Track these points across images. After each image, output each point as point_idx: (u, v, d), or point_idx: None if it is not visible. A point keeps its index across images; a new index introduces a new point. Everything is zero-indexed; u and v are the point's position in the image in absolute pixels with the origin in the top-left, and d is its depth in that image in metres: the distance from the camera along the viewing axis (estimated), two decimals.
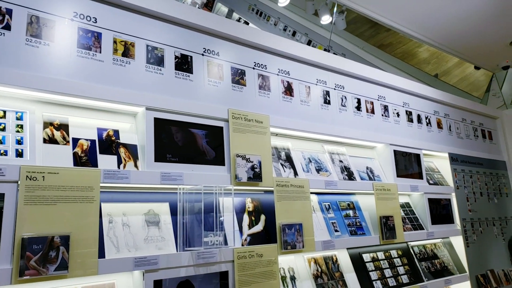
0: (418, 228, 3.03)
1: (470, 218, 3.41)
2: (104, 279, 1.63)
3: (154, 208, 1.83)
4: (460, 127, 3.73)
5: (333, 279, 2.39)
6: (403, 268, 2.82)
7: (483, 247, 3.42)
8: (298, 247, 2.13)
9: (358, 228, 2.63)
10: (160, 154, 1.80)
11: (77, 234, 1.48)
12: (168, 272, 1.69)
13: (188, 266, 1.75)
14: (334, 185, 2.47)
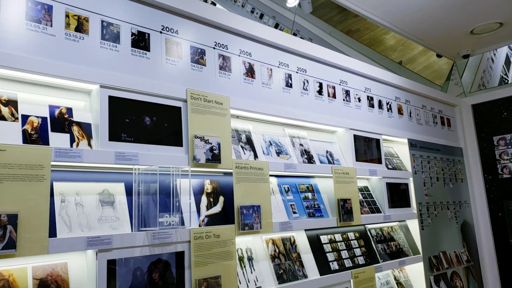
0: (376, 212, 3.21)
1: (426, 202, 3.64)
2: (56, 258, 1.66)
3: (108, 188, 1.87)
4: (420, 114, 3.94)
5: (290, 260, 2.52)
6: (359, 250, 2.99)
7: (437, 230, 3.67)
8: (255, 228, 2.23)
9: (316, 210, 2.77)
10: (114, 134, 1.82)
11: (26, 213, 1.49)
12: (122, 252, 1.74)
13: (143, 246, 1.81)
14: (294, 168, 2.57)
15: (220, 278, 2.02)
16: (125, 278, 1.74)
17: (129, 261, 1.76)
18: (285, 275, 2.42)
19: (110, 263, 1.69)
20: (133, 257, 1.77)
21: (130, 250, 1.77)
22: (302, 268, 2.54)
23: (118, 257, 1.72)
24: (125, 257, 1.74)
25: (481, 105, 4.38)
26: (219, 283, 2.01)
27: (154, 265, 1.84)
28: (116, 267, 1.72)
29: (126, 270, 1.75)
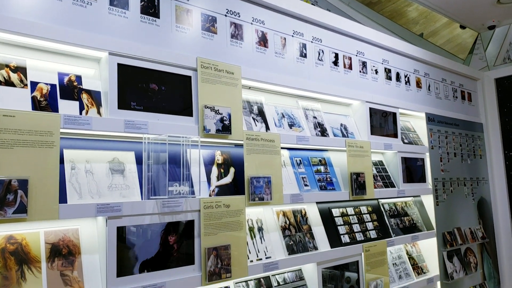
0: (390, 186, 3.15)
1: (442, 177, 3.55)
2: (67, 224, 1.68)
3: (119, 156, 1.86)
4: (440, 87, 3.79)
5: (300, 231, 2.50)
6: (372, 224, 2.96)
7: (452, 206, 3.60)
8: (266, 199, 2.21)
9: (328, 184, 2.72)
10: (124, 102, 1.80)
11: (36, 178, 1.50)
12: (132, 219, 1.75)
13: (153, 214, 1.81)
14: (306, 140, 2.52)
15: (230, 247, 2.03)
16: (134, 245, 1.75)
17: (139, 228, 1.77)
18: (295, 247, 2.42)
19: (120, 230, 1.70)
20: (143, 225, 1.78)
21: (140, 217, 1.77)
22: (313, 240, 2.52)
23: (128, 224, 1.73)
24: (135, 224, 1.75)
25: (505, 79, 4.19)
26: (228, 252, 2.01)
27: (163, 233, 1.85)
28: (126, 234, 1.73)
29: (136, 237, 1.76)
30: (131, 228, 1.75)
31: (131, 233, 1.75)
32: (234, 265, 2.03)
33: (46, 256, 1.59)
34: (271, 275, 2.35)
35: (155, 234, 1.82)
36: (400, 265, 3.13)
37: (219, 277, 1.96)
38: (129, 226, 1.74)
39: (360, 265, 2.70)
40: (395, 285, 2.96)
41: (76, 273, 1.63)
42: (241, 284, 2.21)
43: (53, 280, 1.56)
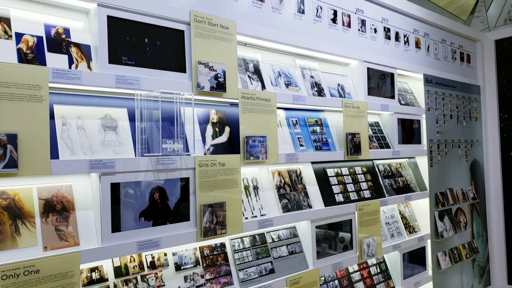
0: (385, 147, 3.13)
1: (437, 139, 3.54)
2: (60, 180, 1.65)
3: (111, 113, 1.81)
4: (439, 48, 3.70)
5: (295, 190, 2.50)
6: (366, 184, 2.96)
7: (445, 167, 3.60)
8: (261, 158, 2.18)
9: (324, 144, 2.70)
10: (114, 56, 1.72)
11: (26, 133, 1.45)
12: (126, 176, 1.72)
13: (147, 171, 1.78)
14: (302, 100, 2.47)
15: (225, 204, 2.02)
16: (129, 202, 1.74)
17: (133, 185, 1.75)
18: (290, 205, 2.42)
19: (114, 187, 1.68)
20: (137, 182, 1.76)
21: (134, 174, 1.75)
22: (307, 198, 2.53)
23: (122, 181, 1.71)
24: (128, 181, 1.73)
25: (504, 41, 4.09)
26: (224, 209, 2.01)
27: (158, 190, 1.83)
28: (120, 190, 1.71)
29: (130, 194, 1.74)
30: (125, 184, 1.72)
31: (125, 189, 1.73)
32: (229, 221, 2.03)
33: (40, 212, 1.57)
34: (266, 232, 2.36)
35: (149, 191, 1.81)
36: (393, 224, 3.17)
37: (214, 233, 1.97)
38: (123, 182, 1.71)
39: (353, 223, 2.73)
40: (387, 243, 3.01)
41: (71, 228, 1.62)
42: (236, 240, 2.23)
43: (48, 234, 1.56)
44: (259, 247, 2.30)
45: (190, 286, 1.96)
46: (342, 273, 2.80)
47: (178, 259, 1.99)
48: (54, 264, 1.48)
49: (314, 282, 2.38)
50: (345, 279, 2.79)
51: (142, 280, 1.84)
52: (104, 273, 1.75)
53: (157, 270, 1.90)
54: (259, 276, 2.21)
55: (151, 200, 1.81)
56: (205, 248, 2.10)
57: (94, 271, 1.72)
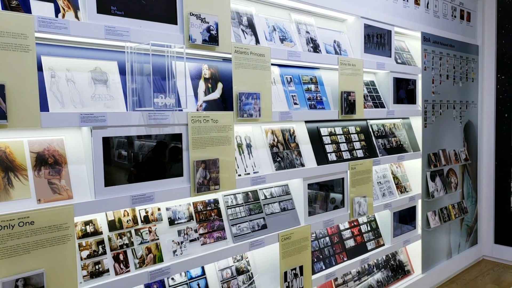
0: (380, 107, 3.16)
1: (432, 100, 3.56)
2: (51, 134, 1.66)
3: (101, 66, 1.79)
4: (439, 5, 3.65)
5: (288, 149, 2.54)
6: (359, 144, 3.01)
7: (439, 128, 3.66)
8: (254, 116, 2.20)
9: (318, 103, 2.71)
10: (103, 6, 1.68)
11: (14, 84, 1.44)
12: (118, 130, 1.73)
13: (139, 126, 1.80)
14: (298, 56, 2.45)
15: (218, 161, 2.05)
16: (122, 156, 1.76)
17: (126, 139, 1.77)
18: (283, 163, 2.47)
19: (105, 141, 1.70)
20: (129, 136, 1.77)
21: (126, 129, 1.76)
22: (300, 157, 2.57)
23: (114, 135, 1.72)
24: (120, 135, 1.74)
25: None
26: (217, 165, 2.05)
27: (151, 145, 1.85)
28: (112, 145, 1.72)
29: (123, 149, 1.76)
30: (117, 139, 1.74)
31: (118, 144, 1.75)
32: (223, 178, 2.07)
33: (32, 165, 1.59)
34: (258, 189, 2.42)
35: (142, 146, 1.83)
36: (384, 184, 3.26)
37: (208, 189, 2.02)
38: (114, 137, 1.73)
39: (345, 182, 2.80)
40: (378, 202, 3.11)
41: (64, 182, 1.65)
42: (229, 197, 2.29)
43: (41, 187, 1.58)
44: (252, 203, 2.36)
45: (184, 240, 2.03)
46: (333, 231, 2.90)
47: (172, 214, 2.04)
48: (48, 216, 1.52)
49: (305, 238, 2.48)
50: (336, 236, 2.90)
51: (136, 234, 1.90)
52: (98, 226, 1.80)
53: (151, 224, 1.95)
54: (252, 231, 2.29)
55: (143, 155, 1.83)
56: (199, 204, 2.15)
57: (88, 224, 1.77)
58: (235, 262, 2.29)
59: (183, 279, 2.06)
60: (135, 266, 1.84)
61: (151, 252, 1.90)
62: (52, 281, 1.52)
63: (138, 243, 1.88)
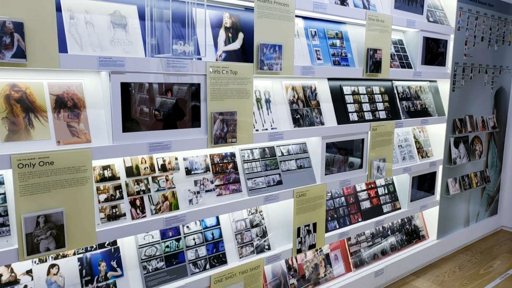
0: (407, 67, 3.04)
1: (463, 62, 3.41)
2: (70, 77, 1.67)
3: (120, 9, 1.76)
4: None
5: (308, 106, 2.50)
6: (382, 105, 2.94)
7: (468, 93, 3.52)
8: (275, 69, 2.15)
9: (342, 59, 2.63)
10: None
11: (32, 23, 1.44)
12: (136, 76, 1.72)
13: (158, 73, 1.78)
14: (323, 8, 2.35)
15: (236, 114, 2.04)
16: (140, 103, 1.76)
17: (144, 86, 1.76)
18: (302, 120, 2.44)
19: (124, 86, 1.70)
20: (148, 83, 1.77)
21: (145, 76, 1.75)
22: (320, 115, 2.53)
23: (132, 81, 1.72)
24: (139, 81, 1.74)
25: None
26: (234, 118, 2.03)
27: (169, 94, 1.85)
28: (130, 91, 1.72)
29: (141, 95, 1.76)
30: (135, 85, 1.73)
31: (136, 90, 1.74)
32: (240, 131, 2.06)
33: (52, 107, 1.61)
34: (275, 145, 2.41)
35: (160, 94, 1.82)
36: (405, 148, 3.20)
37: (225, 141, 2.02)
38: (133, 83, 1.72)
39: (365, 143, 2.75)
40: (398, 165, 3.06)
41: (83, 125, 1.67)
42: (246, 151, 2.29)
43: (60, 129, 1.61)
44: (268, 159, 2.36)
45: (200, 190, 2.06)
46: (349, 191, 2.90)
47: (189, 164, 2.06)
48: (67, 157, 1.55)
49: (320, 196, 2.48)
50: (352, 197, 2.90)
51: (153, 181, 1.93)
52: (116, 172, 1.84)
53: (167, 173, 1.99)
54: (267, 186, 2.31)
55: (162, 104, 1.83)
56: (215, 156, 2.17)
57: (106, 169, 1.81)
58: (249, 215, 2.33)
59: (198, 228, 2.12)
60: (151, 212, 1.89)
61: (167, 200, 1.94)
62: (71, 220, 1.58)
63: (154, 190, 1.92)
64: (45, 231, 1.51)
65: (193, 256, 2.06)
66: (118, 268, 1.82)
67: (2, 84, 1.51)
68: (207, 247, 2.12)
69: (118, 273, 1.82)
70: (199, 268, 2.06)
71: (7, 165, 1.43)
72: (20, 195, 1.46)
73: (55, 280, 1.67)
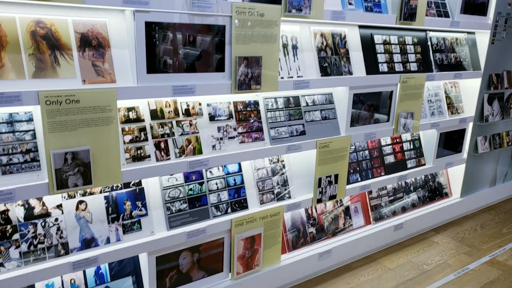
0: (444, 16, 2.87)
1: (506, 13, 3.18)
2: (95, 15, 1.65)
3: None
4: None
5: (337, 54, 2.41)
6: (414, 56, 2.81)
7: (509, 46, 3.31)
8: (304, 12, 2.06)
9: (375, 5, 2.49)
10: None
11: None
12: (161, 15, 1.68)
13: (182, 13, 1.73)
14: None
15: (261, 59, 1.99)
16: (165, 43, 1.73)
17: (168, 26, 1.72)
18: (329, 69, 2.37)
19: (148, 26, 1.66)
20: (172, 23, 1.73)
21: (169, 15, 1.71)
22: (348, 64, 2.45)
23: (156, 20, 1.68)
24: (163, 21, 1.70)
25: None
26: (259, 64, 1.99)
27: (193, 34, 1.81)
28: (155, 30, 1.69)
29: (166, 35, 1.73)
30: (160, 25, 1.70)
31: (160, 30, 1.71)
32: (265, 78, 2.02)
33: (77, 45, 1.60)
34: (300, 95, 2.37)
35: (184, 37, 1.78)
36: (435, 103, 3.09)
37: (249, 87, 1.99)
38: (157, 22, 1.69)
39: (393, 96, 2.67)
40: (426, 120, 2.98)
41: (107, 65, 1.67)
42: (270, 100, 2.26)
43: (85, 68, 1.62)
44: (292, 109, 2.33)
45: (222, 136, 2.07)
46: (374, 145, 2.86)
47: (212, 110, 2.06)
48: (92, 96, 1.56)
49: (344, 148, 2.46)
50: (376, 150, 2.86)
51: (177, 125, 1.94)
52: (141, 114, 1.85)
53: (191, 117, 1.99)
54: (290, 136, 2.29)
55: (186, 47, 1.80)
56: (239, 104, 2.15)
57: (131, 111, 1.82)
58: (270, 164, 2.34)
59: (221, 173, 2.15)
60: (176, 155, 1.92)
61: (191, 144, 1.96)
62: (97, 159, 1.62)
63: (178, 134, 1.94)
64: (72, 167, 1.56)
65: (215, 200, 2.11)
66: (142, 208, 1.89)
67: (27, 19, 1.51)
68: (229, 192, 2.16)
69: (143, 213, 1.89)
70: (221, 211, 2.11)
71: (35, 101, 1.46)
72: (48, 132, 1.50)
73: (83, 215, 1.75)
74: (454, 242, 3.01)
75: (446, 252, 2.86)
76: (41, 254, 1.65)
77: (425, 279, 2.52)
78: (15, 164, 1.53)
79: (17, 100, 1.43)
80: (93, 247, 1.76)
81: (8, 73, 1.46)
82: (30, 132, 1.57)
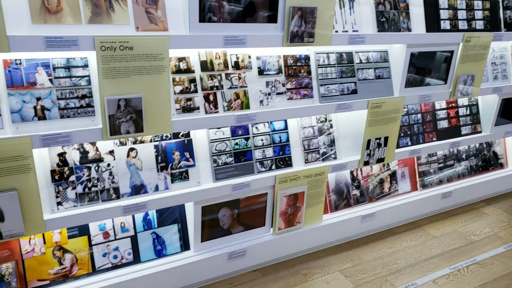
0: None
1: None
2: None
3: None
4: None
5: (396, 9, 2.26)
6: (481, 13, 2.59)
7: None
8: None
9: None
10: None
11: None
12: None
13: None
14: None
15: (316, 10, 1.89)
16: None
17: None
18: (387, 24, 2.23)
19: None
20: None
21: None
22: (408, 20, 2.30)
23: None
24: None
25: None
26: (314, 15, 1.89)
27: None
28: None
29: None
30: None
31: None
32: (318, 31, 1.94)
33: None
34: (354, 51, 2.27)
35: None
36: (500, 66, 2.87)
37: (301, 40, 1.92)
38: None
39: (454, 56, 2.49)
40: (487, 84, 2.79)
41: (160, 12, 1.65)
42: (322, 55, 2.18)
43: (139, 15, 1.61)
44: (345, 66, 2.24)
45: (271, 91, 2.03)
46: (427, 108, 2.73)
47: (262, 64, 2.02)
48: (145, 44, 1.56)
49: (396, 110, 2.36)
50: (429, 114, 2.73)
51: (226, 78, 1.93)
52: (191, 64, 1.84)
53: (240, 71, 1.96)
54: (340, 95, 2.22)
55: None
56: (289, 58, 2.09)
57: (182, 61, 1.82)
58: (318, 123, 2.29)
59: (267, 129, 2.13)
60: (224, 109, 1.91)
61: (239, 98, 1.95)
62: (149, 107, 1.64)
63: (227, 87, 1.92)
64: (125, 114, 1.59)
65: (260, 156, 2.11)
66: (190, 159, 1.92)
67: None
68: (274, 149, 2.15)
69: (190, 163, 1.92)
70: (265, 167, 2.12)
71: (91, 47, 1.48)
72: (103, 78, 1.53)
73: (134, 162, 1.81)
74: (506, 215, 2.88)
75: (497, 224, 2.75)
76: (95, 196, 1.74)
77: (472, 249, 2.45)
78: (71, 108, 1.59)
79: (74, 44, 1.45)
80: (142, 193, 1.83)
81: (66, 17, 1.48)
82: (85, 78, 1.61)
